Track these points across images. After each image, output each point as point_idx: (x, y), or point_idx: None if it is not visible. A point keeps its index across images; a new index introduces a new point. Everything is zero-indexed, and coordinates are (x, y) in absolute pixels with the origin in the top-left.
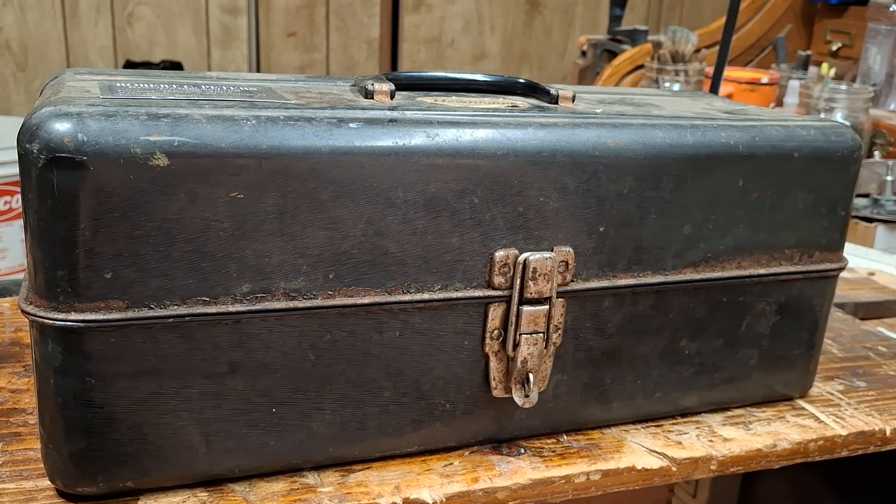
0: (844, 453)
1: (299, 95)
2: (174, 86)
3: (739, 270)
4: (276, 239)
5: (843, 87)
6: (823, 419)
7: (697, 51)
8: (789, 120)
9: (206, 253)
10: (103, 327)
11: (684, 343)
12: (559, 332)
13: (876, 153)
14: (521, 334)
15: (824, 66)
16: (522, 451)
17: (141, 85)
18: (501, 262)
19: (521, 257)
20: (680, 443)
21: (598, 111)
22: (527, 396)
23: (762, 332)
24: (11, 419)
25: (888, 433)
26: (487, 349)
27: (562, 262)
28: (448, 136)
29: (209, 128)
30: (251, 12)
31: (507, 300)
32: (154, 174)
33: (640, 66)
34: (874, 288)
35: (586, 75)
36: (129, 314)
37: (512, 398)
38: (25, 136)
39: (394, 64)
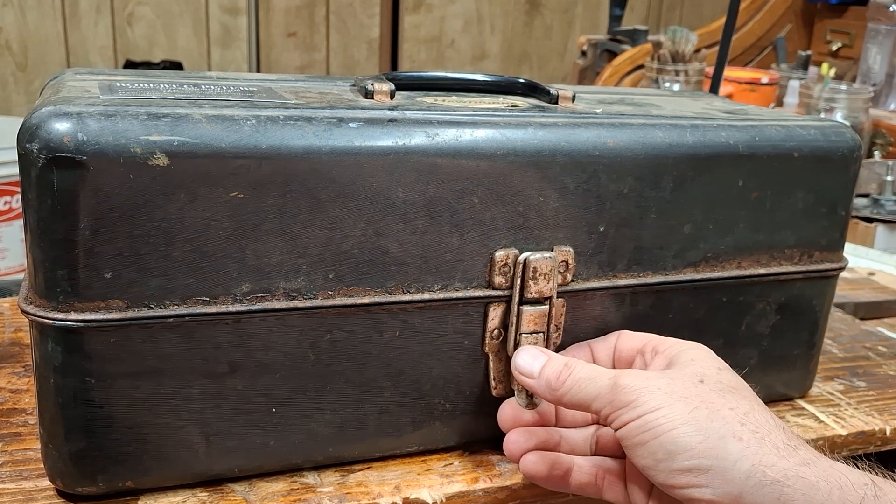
0: (844, 453)
1: (299, 95)
2: (174, 86)
3: (739, 270)
4: (276, 239)
5: (843, 87)
6: (823, 419)
7: (697, 51)
8: (789, 120)
9: (205, 253)
10: (103, 327)
11: None
12: (559, 331)
13: (876, 153)
14: (521, 334)
15: (824, 66)
16: None
17: (141, 85)
18: (501, 261)
19: (521, 257)
20: None
21: (598, 111)
22: (532, 399)
23: (762, 332)
24: (11, 419)
25: (888, 433)
26: (487, 349)
27: (562, 261)
28: (448, 136)
29: (209, 127)
30: (251, 12)
31: (508, 300)
32: (154, 174)
33: (640, 66)
34: (874, 288)
35: (586, 75)
36: (129, 314)
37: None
38: (25, 135)
39: (394, 64)
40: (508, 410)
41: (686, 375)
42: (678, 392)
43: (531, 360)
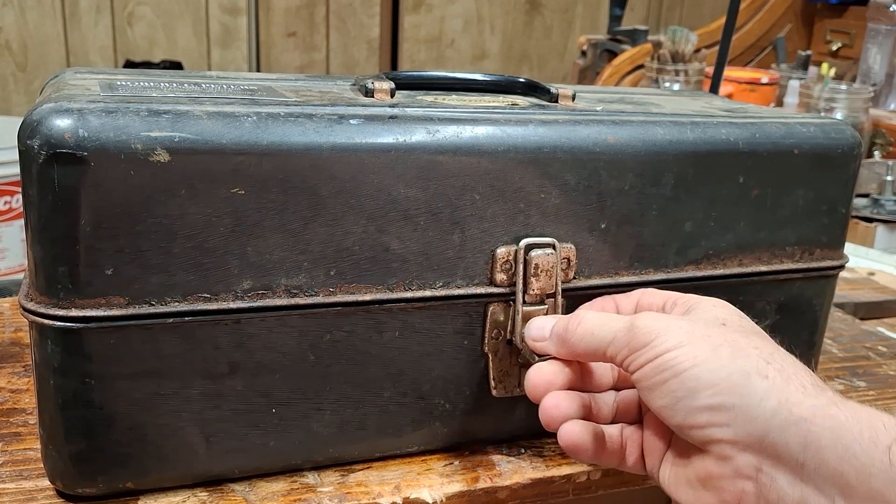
0: None
1: (299, 94)
2: (175, 84)
3: (741, 268)
4: (277, 235)
5: (843, 87)
6: None
7: (697, 51)
8: (789, 117)
9: (207, 249)
10: (103, 327)
11: None
12: None
13: (876, 153)
14: (522, 332)
15: (824, 66)
16: (523, 450)
17: (141, 83)
18: (503, 258)
19: (523, 254)
20: None
21: (598, 109)
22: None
23: None
24: (11, 419)
25: None
26: (487, 349)
27: (564, 258)
28: (448, 133)
29: (210, 124)
30: (251, 12)
31: (509, 298)
32: (155, 170)
33: (640, 66)
34: (874, 288)
35: (586, 75)
36: (131, 311)
37: (512, 398)
38: (26, 132)
39: (394, 64)
40: (538, 373)
41: (707, 319)
42: (700, 331)
43: (541, 325)
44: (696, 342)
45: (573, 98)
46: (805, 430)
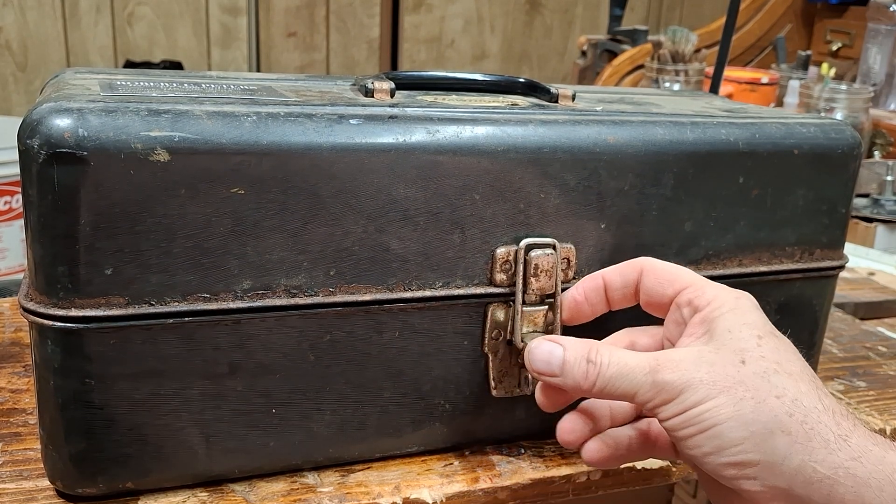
0: None
1: (299, 93)
2: (174, 84)
3: (741, 268)
4: (277, 235)
5: (843, 87)
6: None
7: (697, 51)
8: (789, 117)
9: (206, 249)
10: (103, 327)
11: None
12: (560, 329)
13: (876, 153)
14: (522, 332)
15: (824, 66)
16: (523, 451)
17: (141, 83)
18: (503, 258)
19: (523, 254)
20: None
21: (598, 109)
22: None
23: None
24: (11, 419)
25: (888, 433)
26: (487, 349)
27: (563, 258)
28: (448, 133)
29: (210, 124)
30: (251, 12)
31: (509, 298)
32: (155, 169)
33: (640, 66)
34: (874, 288)
35: (586, 75)
36: (130, 311)
37: (512, 398)
38: (26, 131)
39: (394, 64)
40: (549, 389)
41: (726, 356)
42: (720, 382)
43: (547, 358)
44: (718, 396)
45: (573, 98)
46: (828, 489)
